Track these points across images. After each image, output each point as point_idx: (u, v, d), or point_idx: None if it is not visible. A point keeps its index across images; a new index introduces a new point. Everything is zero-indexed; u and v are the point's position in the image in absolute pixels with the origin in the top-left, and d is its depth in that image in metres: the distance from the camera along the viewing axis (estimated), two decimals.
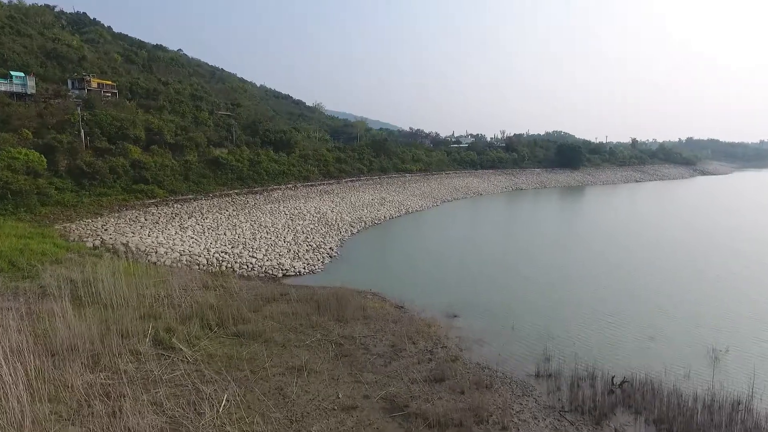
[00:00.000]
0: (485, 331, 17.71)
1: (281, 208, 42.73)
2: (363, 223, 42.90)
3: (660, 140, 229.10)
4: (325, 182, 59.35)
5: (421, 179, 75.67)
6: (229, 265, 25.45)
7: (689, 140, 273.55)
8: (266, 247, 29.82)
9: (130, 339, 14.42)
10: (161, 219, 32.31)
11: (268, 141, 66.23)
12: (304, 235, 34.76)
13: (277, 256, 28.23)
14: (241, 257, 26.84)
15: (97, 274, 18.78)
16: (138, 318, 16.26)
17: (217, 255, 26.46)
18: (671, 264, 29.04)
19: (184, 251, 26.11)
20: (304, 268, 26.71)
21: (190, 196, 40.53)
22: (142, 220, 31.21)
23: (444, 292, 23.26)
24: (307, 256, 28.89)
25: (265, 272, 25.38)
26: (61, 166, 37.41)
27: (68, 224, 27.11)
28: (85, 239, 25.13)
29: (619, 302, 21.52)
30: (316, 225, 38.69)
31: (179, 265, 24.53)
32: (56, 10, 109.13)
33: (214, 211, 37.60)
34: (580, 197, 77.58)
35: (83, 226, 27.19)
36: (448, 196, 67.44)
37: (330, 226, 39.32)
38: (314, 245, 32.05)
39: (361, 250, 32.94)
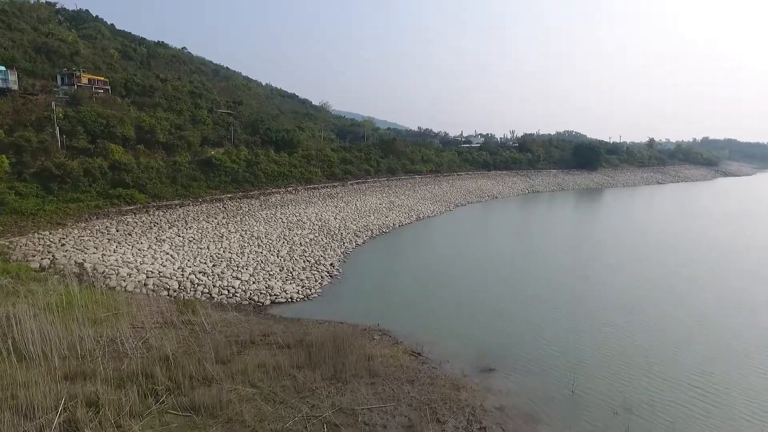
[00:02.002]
0: (535, 398, 12.97)
1: (278, 215, 38.21)
2: (370, 232, 38.26)
3: (673, 140, 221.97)
4: (329, 185, 54.82)
5: (432, 181, 70.90)
6: (206, 290, 20.92)
7: (705, 140, 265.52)
8: (255, 264, 25.28)
9: (32, 420, 9.95)
10: (135, 230, 27.91)
11: (268, 140, 61.98)
12: (302, 247, 30.19)
13: (267, 276, 23.66)
14: (222, 279, 22.30)
15: (20, 311, 14.38)
16: (59, 379, 11.80)
17: (192, 276, 21.94)
18: (754, 299, 22.74)
19: (152, 272, 21.64)
20: (298, 293, 22.11)
21: (176, 202, 36.17)
22: (113, 231, 26.85)
23: (471, 327, 18.54)
24: (302, 276, 24.29)
25: (250, 299, 20.83)
26: (31, 167, 33.33)
27: (17, 238, 22.78)
28: (30, 258, 20.78)
29: (704, 353, 16.57)
30: (317, 235, 34.11)
31: (143, 290, 20.08)
32: (57, 6, 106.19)
33: (201, 219, 33.16)
34: (605, 202, 72.06)
35: (35, 241, 22.86)
36: (461, 200, 62.57)
37: (332, 236, 34.72)
38: (312, 261, 27.47)
39: (366, 267, 28.22)
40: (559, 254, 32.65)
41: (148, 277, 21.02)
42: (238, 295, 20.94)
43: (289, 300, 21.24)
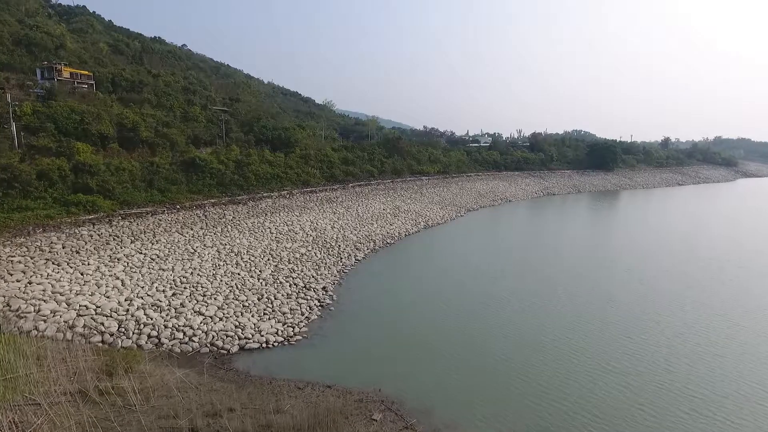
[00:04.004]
0: None
1: (267, 223, 33.29)
2: (372, 243, 33.26)
3: (683, 139, 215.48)
4: (328, 188, 49.89)
5: (440, 183, 65.81)
6: (155, 333, 16.01)
7: (717, 139, 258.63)
8: (228, 290, 20.36)
9: None
10: (87, 245, 23.07)
11: (264, 139, 57.33)
12: (290, 266, 25.24)
13: (240, 308, 18.72)
14: (179, 315, 17.35)
15: None
16: None
17: (140, 313, 17.02)
18: None
19: (87, 307, 16.77)
20: (277, 333, 17.14)
21: (148, 209, 31.33)
22: (58, 248, 22.03)
23: (503, 392, 13.51)
24: (285, 308, 19.30)
25: (211, 344, 15.87)
26: None
27: None
28: None
29: None
30: (310, 249, 29.14)
31: (69, 335, 15.20)
32: (52, 1, 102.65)
33: (174, 230, 28.30)
34: (632, 207, 66.32)
35: None
36: (473, 204, 57.40)
37: (328, 249, 29.75)
38: (301, 284, 22.52)
39: (366, 294, 23.08)
40: (603, 279, 26.33)
41: (79, 315, 16.14)
42: (196, 338, 15.98)
43: (264, 345, 16.25)
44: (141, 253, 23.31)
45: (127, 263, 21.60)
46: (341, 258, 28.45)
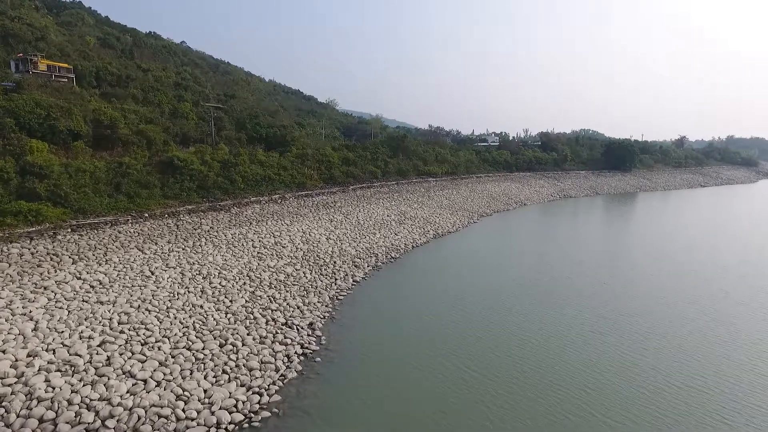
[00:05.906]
0: None
1: (250, 235, 28.27)
2: (373, 258, 28.20)
3: (692, 139, 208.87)
4: (326, 190, 44.86)
5: (449, 185, 60.62)
6: (51, 416, 10.97)
7: (730, 138, 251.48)
8: (179, 335, 15.31)
9: None
10: (10, 269, 18.11)
11: (258, 137, 52.46)
12: (271, 291, 20.20)
13: (189, 365, 13.64)
14: (97, 382, 12.29)
15: None
16: None
17: (39, 379, 11.99)
18: None
19: None
20: (236, 407, 12.05)
21: (109, 218, 26.41)
22: None
23: None
24: (253, 363, 14.21)
25: (134, 431, 10.86)
26: None
27: None
28: None
29: None
30: (298, 268, 24.09)
31: None
32: None
33: (133, 245, 23.32)
34: (663, 210, 60.63)
35: None
36: (486, 208, 52.16)
37: (321, 267, 24.70)
38: (281, 320, 17.45)
39: (365, 332, 17.89)
40: (664, 313, 20.90)
41: None
42: (112, 422, 10.93)
43: (214, 429, 11.20)
44: (79, 278, 18.35)
45: (55, 294, 16.65)
46: (336, 279, 23.38)
